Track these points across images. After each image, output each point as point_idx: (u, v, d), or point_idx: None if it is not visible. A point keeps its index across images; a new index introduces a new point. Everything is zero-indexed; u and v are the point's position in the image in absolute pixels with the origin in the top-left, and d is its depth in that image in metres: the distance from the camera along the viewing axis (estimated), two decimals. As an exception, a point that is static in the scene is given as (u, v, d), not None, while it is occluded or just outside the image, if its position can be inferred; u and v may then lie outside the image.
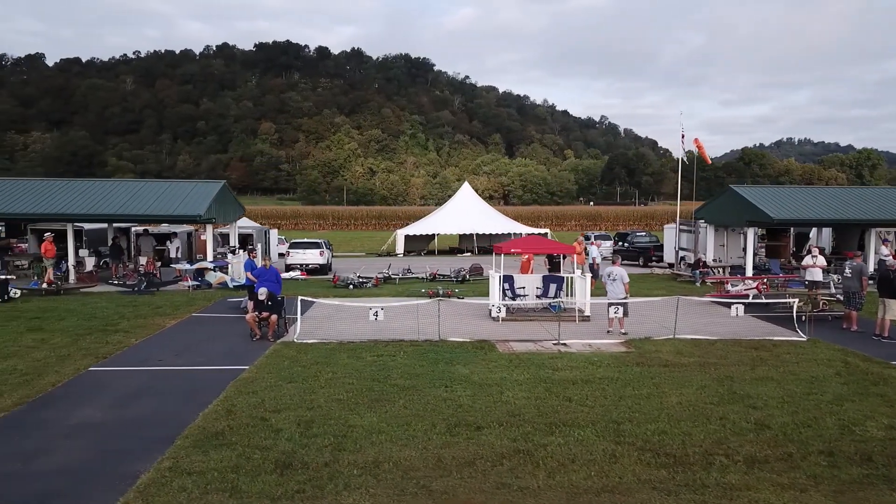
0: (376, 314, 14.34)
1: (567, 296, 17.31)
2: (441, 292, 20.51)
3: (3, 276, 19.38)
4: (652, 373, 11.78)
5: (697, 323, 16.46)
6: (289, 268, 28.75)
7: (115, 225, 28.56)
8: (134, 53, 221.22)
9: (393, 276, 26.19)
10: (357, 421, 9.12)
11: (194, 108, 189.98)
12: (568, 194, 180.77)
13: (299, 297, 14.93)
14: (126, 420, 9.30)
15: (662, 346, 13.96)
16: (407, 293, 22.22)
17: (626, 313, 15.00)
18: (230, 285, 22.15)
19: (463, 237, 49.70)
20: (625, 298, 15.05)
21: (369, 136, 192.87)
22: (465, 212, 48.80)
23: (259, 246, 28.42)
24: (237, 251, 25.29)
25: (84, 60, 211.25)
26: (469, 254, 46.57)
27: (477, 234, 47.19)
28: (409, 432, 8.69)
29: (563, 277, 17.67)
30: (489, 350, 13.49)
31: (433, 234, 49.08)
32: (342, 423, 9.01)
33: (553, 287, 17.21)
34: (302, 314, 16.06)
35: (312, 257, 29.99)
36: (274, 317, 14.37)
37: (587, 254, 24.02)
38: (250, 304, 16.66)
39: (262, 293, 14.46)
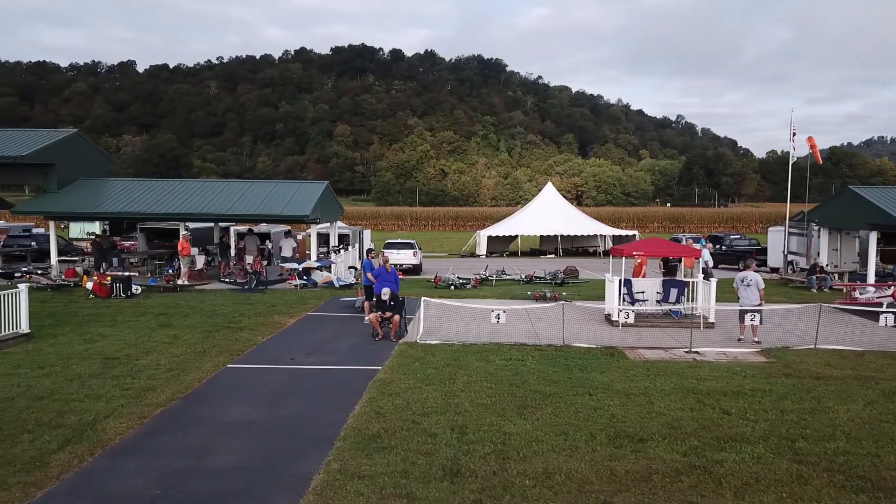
0: (498, 317, 14.08)
1: (688, 301, 16.60)
2: (549, 295, 20.09)
3: (127, 273, 20.22)
4: (806, 385, 11.04)
5: (834, 332, 15.42)
6: (383, 268, 28.94)
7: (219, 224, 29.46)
8: (217, 59, 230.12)
9: (490, 278, 25.95)
10: (511, 428, 8.86)
11: (273, 111, 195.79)
12: (643, 195, 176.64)
13: (423, 299, 14.84)
14: (279, 419, 9.34)
15: (806, 356, 13.11)
16: (510, 295, 21.92)
17: (760, 321, 14.22)
18: (336, 284, 22.40)
19: (544, 238, 49.05)
20: (760, 305, 14.26)
21: (441, 137, 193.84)
22: (549, 213, 48.19)
23: (357, 245, 28.74)
24: (340, 251, 25.62)
25: (171, 66, 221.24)
26: (553, 255, 45.93)
27: (561, 236, 46.54)
28: (569, 442, 8.36)
29: (686, 282, 16.96)
30: (620, 357, 13.01)
31: (515, 235, 48.76)
32: (496, 430, 8.76)
33: (674, 292, 16.53)
34: (414, 314, 16.04)
35: (406, 257, 30.12)
36: (396, 317, 14.33)
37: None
38: (367, 304, 16.78)
39: (386, 293, 14.44)
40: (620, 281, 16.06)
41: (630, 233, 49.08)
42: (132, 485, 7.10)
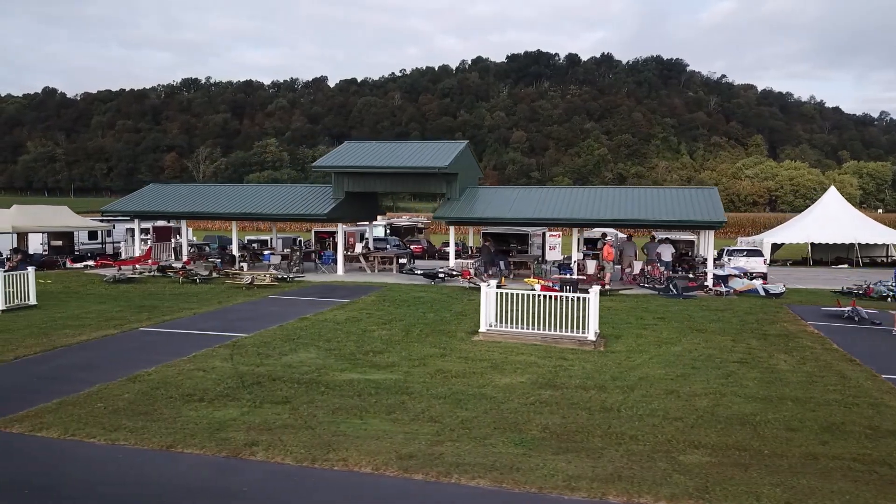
0: None
1: None
2: None
3: (576, 277, 21.01)
4: None
5: None
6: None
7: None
8: (400, 71, 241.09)
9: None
10: None
11: (452, 119, 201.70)
12: (849, 200, 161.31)
13: None
14: None
15: None
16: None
17: None
18: (761, 292, 21.68)
19: (815, 246, 46.18)
20: None
21: (619, 140, 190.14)
22: (836, 219, 45.08)
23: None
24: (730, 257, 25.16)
25: (359, 80, 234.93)
26: (846, 266, 42.85)
27: (859, 245, 43.28)
28: None
29: None
30: None
31: (782, 243, 46.48)
32: None
33: None
34: None
35: (757, 265, 29.03)
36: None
37: None
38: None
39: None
40: None
41: (941, 241, 44.54)
42: None
